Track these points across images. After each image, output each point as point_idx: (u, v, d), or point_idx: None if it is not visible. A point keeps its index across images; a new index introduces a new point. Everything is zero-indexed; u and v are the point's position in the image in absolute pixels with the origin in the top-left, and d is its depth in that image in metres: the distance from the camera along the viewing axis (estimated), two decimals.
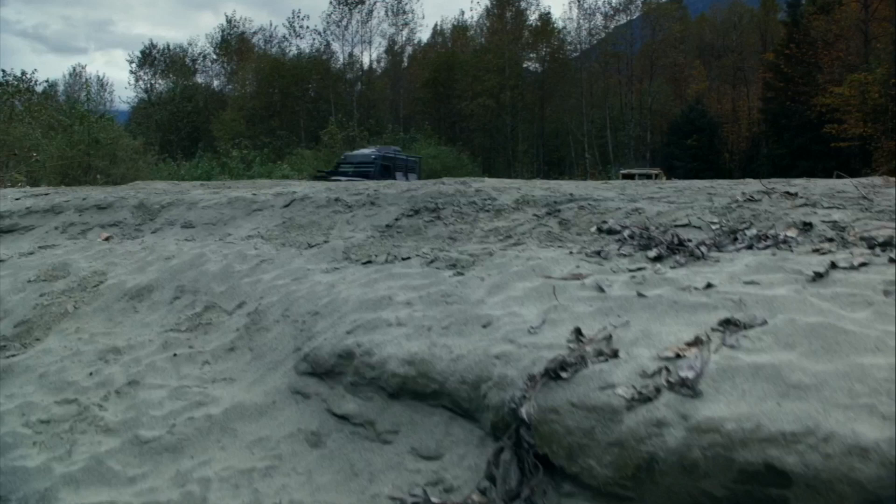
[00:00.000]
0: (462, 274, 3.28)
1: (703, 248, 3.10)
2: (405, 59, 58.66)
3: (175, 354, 3.40)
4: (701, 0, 68.12)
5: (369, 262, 3.76)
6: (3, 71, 34.27)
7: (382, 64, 59.36)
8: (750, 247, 3.18)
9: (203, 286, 4.03)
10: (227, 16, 73.37)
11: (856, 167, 40.45)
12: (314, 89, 53.75)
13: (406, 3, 56.48)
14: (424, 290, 3.17)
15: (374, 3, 55.98)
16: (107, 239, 5.32)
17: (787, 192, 3.95)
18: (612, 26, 55.99)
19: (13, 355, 3.75)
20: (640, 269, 3.00)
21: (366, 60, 57.05)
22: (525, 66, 55.47)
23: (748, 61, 56.26)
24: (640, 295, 2.62)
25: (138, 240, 5.20)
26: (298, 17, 59.96)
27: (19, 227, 6.02)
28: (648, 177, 31.15)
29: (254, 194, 5.31)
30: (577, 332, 2.43)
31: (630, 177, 32.15)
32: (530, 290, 2.91)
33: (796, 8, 48.22)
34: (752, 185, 4.44)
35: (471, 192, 4.44)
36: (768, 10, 58.47)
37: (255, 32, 57.90)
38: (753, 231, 3.35)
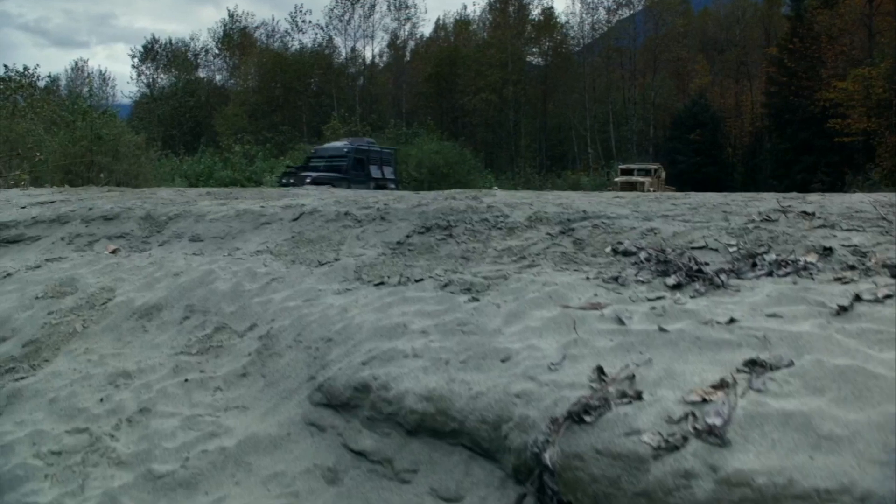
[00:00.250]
0: (477, 300, 3.24)
1: (723, 277, 3.06)
2: (407, 54, 58.45)
3: (186, 380, 3.37)
4: None
5: (382, 283, 3.72)
6: (6, 66, 34.20)
7: (385, 58, 59.20)
8: (770, 273, 3.14)
9: (213, 306, 3.99)
10: (229, 10, 73.15)
11: (859, 162, 40.44)
12: (316, 84, 53.63)
13: None
14: (439, 317, 3.13)
15: None
16: (114, 252, 5.29)
17: (804, 212, 3.90)
18: (615, 20, 55.82)
19: (22, 378, 3.72)
20: (659, 297, 2.96)
21: (368, 55, 56.84)
22: (528, 60, 55.27)
23: (751, 56, 56.09)
24: (661, 329, 2.58)
25: (146, 253, 5.16)
26: (301, 11, 59.77)
27: (25, 238, 5.98)
28: (648, 172, 30.84)
29: (262, 207, 5.26)
30: (600, 370, 2.39)
31: (629, 172, 31.59)
32: (548, 320, 2.86)
33: (800, 2, 48.03)
34: (767, 202, 4.39)
35: (482, 207, 4.39)
36: (772, 5, 58.25)
37: (257, 27, 57.80)
38: (773, 256, 3.30)
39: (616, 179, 31.39)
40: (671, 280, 3.12)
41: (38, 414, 3.31)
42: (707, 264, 3.43)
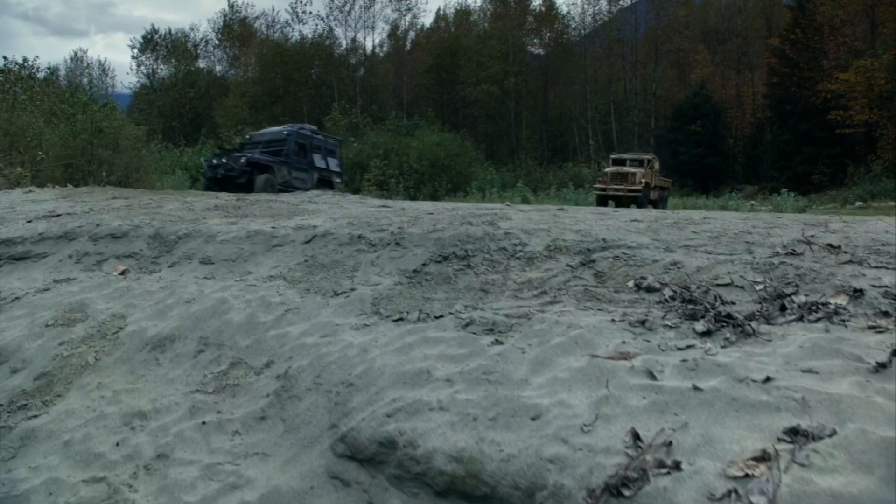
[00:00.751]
0: (501, 342, 3.18)
1: (754, 324, 2.99)
2: (408, 44, 58.19)
3: (204, 422, 3.31)
4: None
5: (401, 319, 3.66)
6: (5, 58, 34.00)
7: (385, 49, 58.92)
8: (800, 318, 3.07)
9: (227, 339, 3.93)
10: (228, 0, 72.72)
11: (861, 154, 40.38)
12: (317, 75, 53.39)
13: None
14: (463, 362, 3.07)
15: None
16: (123, 273, 5.22)
17: (830, 245, 3.84)
18: (616, 10, 55.54)
19: (35, 416, 3.66)
20: (689, 346, 2.90)
21: (368, 45, 56.55)
22: (529, 50, 55.02)
23: (753, 46, 55.91)
24: (695, 388, 2.52)
25: (156, 275, 5.09)
26: (301, 2, 59.30)
27: (32, 255, 5.91)
28: (641, 162, 29.64)
29: (273, 227, 5.19)
30: (635, 435, 2.33)
31: (621, 162, 30.25)
32: (576, 371, 2.80)
33: None
34: (789, 230, 4.32)
35: (500, 234, 4.32)
36: None
37: (257, 17, 57.60)
38: (802, 298, 3.24)
39: (606, 170, 29.98)
40: (700, 326, 3.05)
41: (52, 458, 3.26)
42: (734, 304, 3.37)
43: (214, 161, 18.79)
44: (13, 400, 3.86)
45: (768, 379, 2.51)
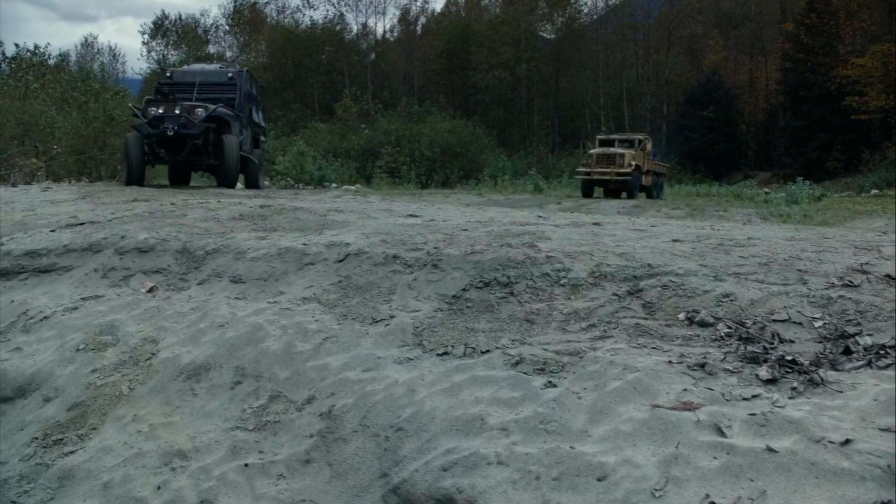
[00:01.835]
0: (554, 385, 3.07)
1: (821, 372, 2.87)
2: (419, 29, 57.79)
3: (247, 465, 3.22)
4: None
5: (446, 353, 3.56)
6: (17, 45, 33.98)
7: (396, 33, 58.56)
8: (868, 363, 2.96)
9: (265, 369, 3.83)
10: None
11: (876, 140, 40.01)
12: (327, 60, 53.11)
13: None
14: (517, 407, 2.96)
15: None
16: (151, 290, 5.13)
17: (889, 276, 3.71)
18: None
19: (72, 451, 3.58)
20: (754, 396, 2.78)
21: (379, 31, 56.21)
22: (541, 35, 54.61)
23: (767, 31, 55.36)
24: (769, 449, 2.41)
25: (185, 293, 5.00)
26: None
27: (57, 268, 5.83)
28: (631, 143, 27.24)
29: (304, 245, 5.09)
30: None
31: (608, 143, 27.67)
32: (639, 423, 2.69)
33: None
34: (841, 256, 4.19)
35: (541, 258, 4.21)
36: None
37: (267, 2, 57.22)
38: (867, 340, 3.12)
39: (591, 152, 27.12)
40: (764, 373, 2.93)
41: (93, 502, 3.18)
42: (793, 342, 3.25)
43: (153, 111, 13.23)
44: (48, 433, 3.78)
45: (847, 441, 2.40)
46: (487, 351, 3.50)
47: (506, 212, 7.63)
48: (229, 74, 15.26)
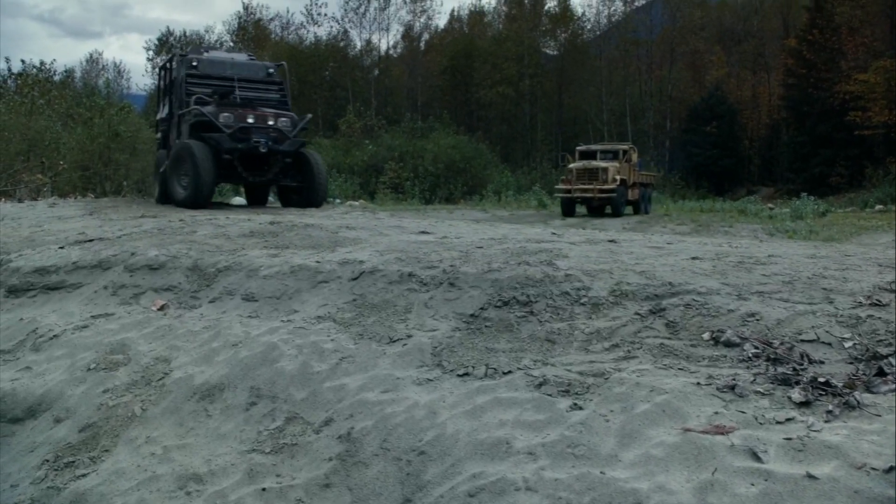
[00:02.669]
0: (580, 407, 2.99)
1: (857, 395, 2.80)
2: (422, 45, 58.02)
3: (264, 489, 3.14)
4: None
5: (466, 374, 3.48)
6: (22, 61, 34.15)
7: (399, 50, 58.78)
8: None
9: (281, 390, 3.76)
10: (243, 2, 72.69)
11: (879, 156, 39.97)
12: (331, 76, 53.27)
13: None
14: (543, 430, 2.89)
15: None
16: (161, 308, 5.07)
17: None
18: (630, 10, 55.26)
19: (84, 475, 3.50)
20: (789, 420, 2.71)
21: (383, 47, 56.46)
22: (544, 51, 54.82)
23: (769, 47, 55.49)
24: (809, 476, 2.33)
25: (197, 312, 4.94)
26: (316, 3, 59.09)
27: (67, 285, 5.78)
28: (614, 154, 24.44)
29: (317, 262, 5.03)
30: None
31: (590, 155, 24.83)
32: (671, 447, 2.62)
33: None
34: (866, 274, 4.12)
35: (560, 276, 4.14)
36: None
37: (271, 19, 57.49)
38: None
39: (571, 166, 24.32)
40: (797, 395, 2.86)
41: None
42: (822, 363, 3.18)
43: (228, 118, 10.98)
44: (59, 455, 3.71)
45: (892, 469, 2.32)
46: (509, 372, 3.43)
47: (517, 228, 7.58)
48: (270, 69, 13.13)
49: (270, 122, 11.37)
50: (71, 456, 3.68)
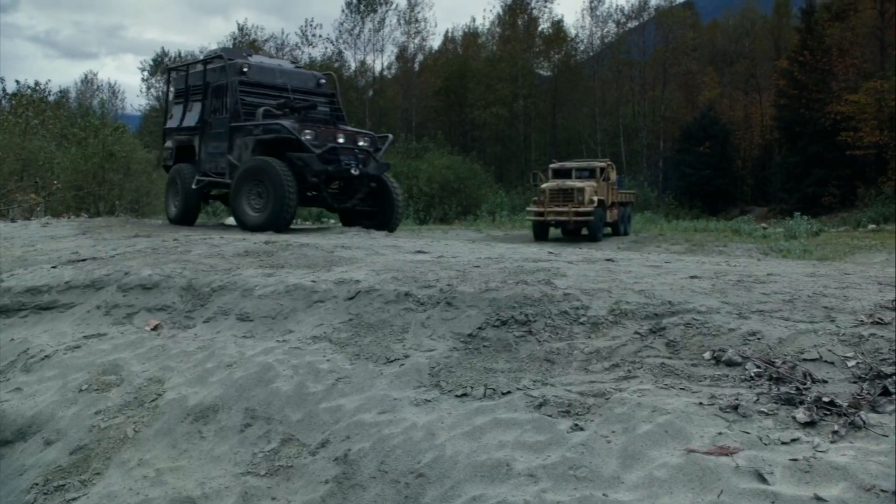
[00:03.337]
0: (581, 428, 2.95)
1: (863, 414, 2.76)
2: (417, 66, 58.31)
3: None
4: (712, 5, 67.74)
5: (465, 394, 3.43)
6: (17, 81, 34.19)
7: (394, 70, 59.05)
8: None
9: (276, 411, 3.70)
10: (238, 23, 73.13)
11: (871, 176, 40.19)
12: None
13: (419, 12, 56.16)
14: (543, 452, 2.84)
15: (387, 11, 55.74)
16: (155, 328, 5.00)
17: None
18: (623, 32, 55.69)
19: (74, 498, 3.43)
20: (794, 440, 2.66)
21: (377, 68, 56.70)
22: (538, 72, 55.14)
23: (761, 68, 55.95)
24: (818, 498, 2.28)
25: (191, 332, 4.88)
26: (311, 25, 59.35)
27: (59, 305, 5.71)
28: (591, 173, 22.39)
29: (313, 282, 4.98)
30: None
31: (564, 174, 22.80)
32: (674, 469, 2.57)
33: (810, 14, 47.95)
34: (866, 293, 4.09)
35: (559, 296, 4.10)
36: (781, 17, 58.15)
37: (266, 40, 57.59)
38: None
39: (543, 186, 22.12)
40: (801, 415, 2.82)
41: None
42: (826, 382, 3.14)
43: (311, 137, 9.97)
44: (48, 478, 3.64)
45: None
46: (508, 392, 3.38)
47: (513, 248, 7.54)
48: (321, 79, 12.22)
49: (361, 143, 10.57)
50: (61, 479, 3.60)
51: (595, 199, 21.09)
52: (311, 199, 10.85)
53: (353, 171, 10.12)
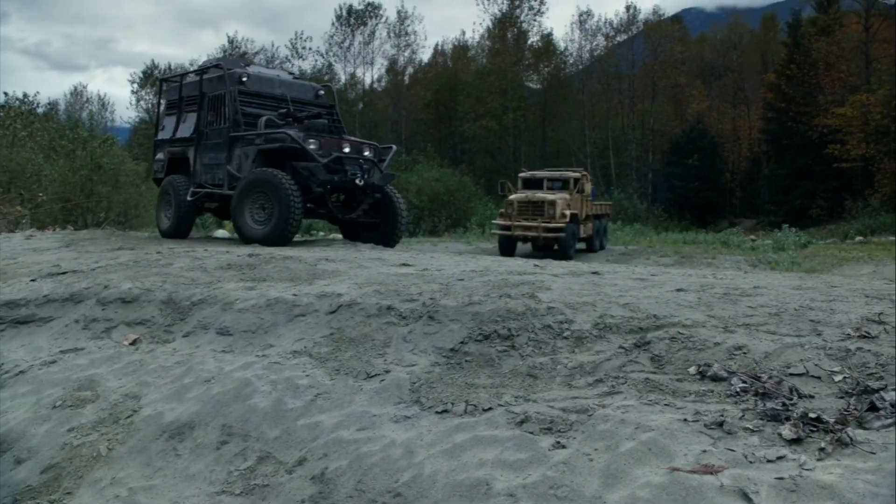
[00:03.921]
0: (563, 446, 2.88)
1: (850, 431, 2.70)
2: (407, 79, 58.45)
3: None
4: (700, 19, 68.28)
5: (445, 411, 3.36)
6: (5, 93, 34.03)
7: (384, 83, 59.15)
8: None
9: (253, 428, 3.62)
10: (228, 36, 73.12)
11: (858, 188, 40.46)
12: None
13: (408, 25, 56.35)
14: (524, 471, 2.77)
15: (377, 24, 55.89)
16: (133, 342, 4.91)
17: None
18: (612, 45, 56.01)
19: None
20: (780, 458, 2.60)
21: (367, 80, 56.77)
22: (527, 85, 55.36)
23: (748, 81, 56.41)
24: None
25: (169, 346, 4.79)
26: (301, 38, 59.40)
27: (36, 319, 5.61)
28: (564, 184, 20.81)
29: (294, 295, 4.90)
30: None
31: (535, 184, 21.08)
32: (657, 488, 2.50)
33: (797, 28, 48.42)
34: (853, 306, 4.05)
35: (542, 309, 4.04)
36: (768, 31, 58.68)
37: (256, 52, 57.62)
38: (893, 396, 2.95)
39: (512, 198, 20.30)
40: (787, 432, 2.76)
41: None
42: (812, 398, 3.08)
43: (315, 147, 9.82)
44: (17, 498, 3.54)
45: None
46: (489, 408, 3.31)
47: (500, 260, 7.48)
48: (319, 91, 12.14)
49: (366, 153, 10.43)
50: (31, 499, 3.50)
51: (567, 213, 19.49)
52: (315, 212, 10.70)
53: (357, 182, 10.00)
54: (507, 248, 20.11)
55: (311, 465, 3.25)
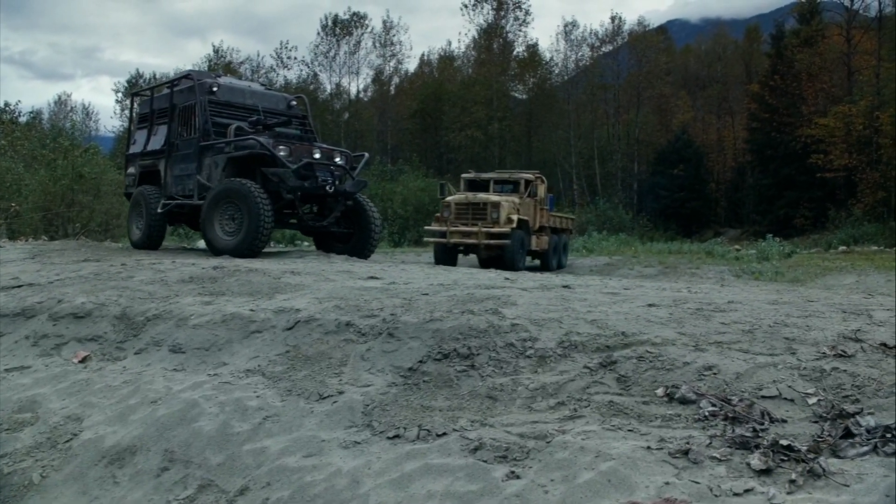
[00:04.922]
0: (518, 476, 2.68)
1: (822, 461, 2.52)
2: (392, 89, 58.36)
3: None
4: (685, 30, 68.69)
5: (397, 436, 3.16)
6: None
7: (369, 93, 59.04)
8: (874, 449, 2.61)
9: (196, 454, 3.40)
10: (214, 45, 72.87)
11: (841, 198, 40.60)
12: None
13: (394, 35, 56.30)
14: (475, 503, 2.57)
15: (362, 34, 55.82)
16: (83, 360, 4.68)
17: (885, 345, 3.39)
18: (598, 55, 56.15)
19: None
20: (747, 491, 2.42)
21: (353, 90, 56.64)
22: (513, 95, 55.40)
23: (733, 92, 56.68)
24: None
25: (120, 364, 4.57)
26: (286, 47, 59.19)
27: None
28: (514, 185, 17.89)
29: (252, 310, 4.69)
30: None
31: (480, 185, 18.06)
32: None
33: (780, 40, 48.71)
34: (830, 322, 3.88)
35: (506, 326, 3.85)
36: (752, 42, 59.00)
37: (241, 62, 57.38)
38: (870, 421, 2.78)
39: (449, 199, 17.37)
40: (756, 462, 2.57)
41: None
42: (785, 422, 2.90)
43: (285, 153, 9.65)
44: None
45: None
46: (444, 434, 3.11)
47: (472, 273, 7.29)
48: (292, 101, 11.99)
49: (337, 160, 10.23)
50: None
51: (515, 218, 16.27)
52: (285, 220, 10.50)
53: (328, 188, 9.81)
54: (444, 258, 16.87)
55: (254, 494, 3.04)
